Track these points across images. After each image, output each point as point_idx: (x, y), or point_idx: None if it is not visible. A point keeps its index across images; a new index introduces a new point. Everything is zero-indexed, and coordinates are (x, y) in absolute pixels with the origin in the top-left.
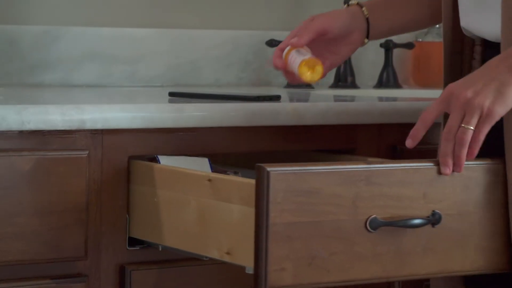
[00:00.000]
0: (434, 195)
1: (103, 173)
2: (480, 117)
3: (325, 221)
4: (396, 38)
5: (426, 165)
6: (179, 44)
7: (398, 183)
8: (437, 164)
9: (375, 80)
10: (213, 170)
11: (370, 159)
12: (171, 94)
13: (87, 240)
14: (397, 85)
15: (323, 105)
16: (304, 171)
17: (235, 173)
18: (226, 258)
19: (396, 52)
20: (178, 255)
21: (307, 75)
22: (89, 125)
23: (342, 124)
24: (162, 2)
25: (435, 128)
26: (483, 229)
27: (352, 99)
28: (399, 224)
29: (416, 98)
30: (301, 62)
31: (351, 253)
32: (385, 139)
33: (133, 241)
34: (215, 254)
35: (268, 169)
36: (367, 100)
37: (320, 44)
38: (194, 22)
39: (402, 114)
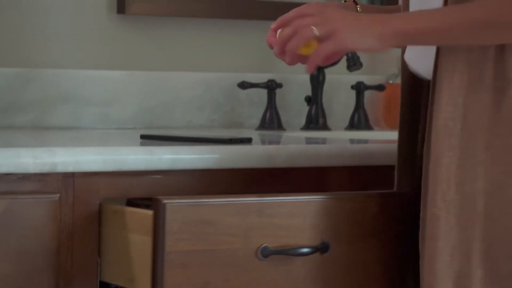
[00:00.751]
0: (323, 225)
1: (75, 216)
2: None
3: (219, 250)
4: (367, 80)
5: (315, 198)
6: (151, 86)
7: (289, 215)
8: (328, 196)
9: (346, 122)
10: (128, 203)
11: None
12: (143, 136)
13: (58, 285)
14: (368, 127)
15: (294, 147)
16: (200, 203)
17: (146, 206)
18: (130, 286)
19: (367, 94)
20: None
21: (301, 48)
22: (60, 168)
23: (314, 166)
24: (134, 44)
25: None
26: (370, 257)
27: (323, 141)
28: (289, 252)
29: (387, 140)
30: None
31: (243, 280)
32: (356, 182)
33: (104, 285)
34: (120, 281)
35: (164, 201)
36: (338, 143)
37: None
38: (165, 64)
39: (373, 157)
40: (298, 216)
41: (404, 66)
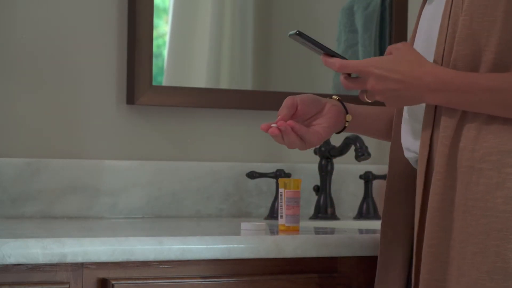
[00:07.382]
0: None
1: None
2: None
3: None
4: (375, 170)
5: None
6: (160, 175)
7: None
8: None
9: (355, 211)
10: None
11: None
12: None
13: None
14: (377, 216)
15: (303, 237)
16: (145, 284)
17: None
18: None
19: (375, 183)
20: None
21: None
22: (69, 259)
23: (323, 256)
24: (143, 135)
25: None
26: None
27: (332, 231)
28: None
29: None
30: None
31: None
32: (365, 272)
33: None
34: None
35: (113, 282)
36: (347, 233)
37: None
38: (174, 154)
39: None
40: None
41: (393, 155)
